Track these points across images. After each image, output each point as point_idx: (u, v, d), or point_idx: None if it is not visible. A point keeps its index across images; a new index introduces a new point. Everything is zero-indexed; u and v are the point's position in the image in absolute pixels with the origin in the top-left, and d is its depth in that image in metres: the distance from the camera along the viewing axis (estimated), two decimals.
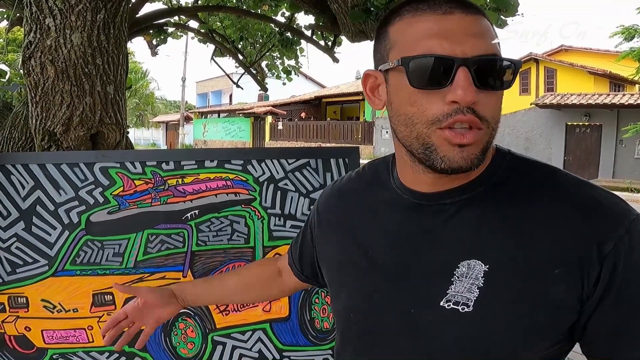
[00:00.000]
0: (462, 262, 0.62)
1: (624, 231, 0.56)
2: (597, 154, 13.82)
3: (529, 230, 0.60)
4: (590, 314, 0.58)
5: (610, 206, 0.59)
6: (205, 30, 4.51)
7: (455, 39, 0.58)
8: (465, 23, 0.59)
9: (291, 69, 5.31)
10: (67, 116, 1.76)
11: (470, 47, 0.58)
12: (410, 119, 0.61)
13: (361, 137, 19.73)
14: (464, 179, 0.65)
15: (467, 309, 0.60)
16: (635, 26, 11.06)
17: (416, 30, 0.60)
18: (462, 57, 0.57)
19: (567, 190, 0.61)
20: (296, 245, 0.96)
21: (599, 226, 0.57)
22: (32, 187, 1.41)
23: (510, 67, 0.60)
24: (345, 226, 0.78)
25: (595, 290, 0.57)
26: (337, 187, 0.85)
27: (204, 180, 1.44)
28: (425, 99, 0.59)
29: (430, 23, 0.59)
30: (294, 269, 0.96)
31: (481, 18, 0.61)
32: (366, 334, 0.71)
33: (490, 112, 0.60)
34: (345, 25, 2.57)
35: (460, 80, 0.57)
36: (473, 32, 0.59)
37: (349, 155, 1.48)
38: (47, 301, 1.41)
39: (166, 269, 1.43)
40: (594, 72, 15.79)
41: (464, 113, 0.57)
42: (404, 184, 0.70)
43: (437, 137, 0.60)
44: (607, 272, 0.56)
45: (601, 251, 0.56)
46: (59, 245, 1.41)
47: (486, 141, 0.61)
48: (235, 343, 1.45)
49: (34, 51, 1.71)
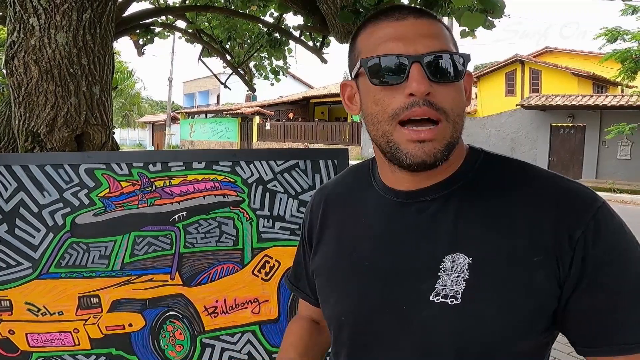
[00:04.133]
0: (447, 256, 0.65)
1: (590, 217, 0.60)
2: (580, 155, 14.02)
3: (507, 221, 0.64)
4: (567, 298, 0.61)
5: (578, 195, 0.63)
6: (192, 30, 4.48)
7: (408, 40, 0.65)
8: (417, 26, 0.66)
9: (279, 70, 5.30)
10: (51, 117, 1.73)
11: (422, 46, 0.64)
12: (375, 117, 0.67)
13: (349, 137, 19.78)
14: (442, 176, 0.69)
15: (456, 301, 0.62)
16: (618, 28, 11.25)
17: (375, 37, 0.67)
18: (414, 54, 0.63)
19: (539, 182, 0.66)
20: (301, 277, 0.92)
21: (570, 213, 0.61)
22: (15, 188, 1.38)
23: (460, 59, 0.65)
24: (331, 232, 0.80)
25: (570, 275, 0.60)
26: (320, 197, 0.86)
27: (191, 181, 1.43)
28: (387, 96, 0.65)
29: (387, 29, 0.67)
30: (311, 300, 0.90)
31: (433, 21, 0.67)
32: (359, 335, 0.72)
33: (448, 103, 0.64)
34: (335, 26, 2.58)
35: (414, 74, 0.62)
36: (424, 33, 0.65)
37: (337, 157, 1.48)
38: (31, 304, 1.38)
39: (153, 271, 1.41)
40: (577, 73, 16.02)
41: (420, 105, 0.62)
42: (385, 185, 0.74)
43: (398, 134, 0.65)
44: (579, 257, 0.60)
45: (572, 237, 0.60)
46: (43, 247, 1.39)
47: (449, 135, 0.64)
48: (225, 345, 1.44)
49: (18, 51, 1.69)
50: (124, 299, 1.40)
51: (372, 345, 0.70)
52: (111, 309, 1.40)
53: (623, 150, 13.17)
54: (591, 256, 0.60)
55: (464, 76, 0.67)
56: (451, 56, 0.64)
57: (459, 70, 0.65)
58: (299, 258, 0.93)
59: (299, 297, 0.95)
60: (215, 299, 1.43)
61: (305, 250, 0.90)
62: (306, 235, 0.88)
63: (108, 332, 1.40)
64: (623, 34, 11.16)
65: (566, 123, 14.21)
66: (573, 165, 14.02)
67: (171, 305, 1.42)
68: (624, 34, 11.16)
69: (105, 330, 1.40)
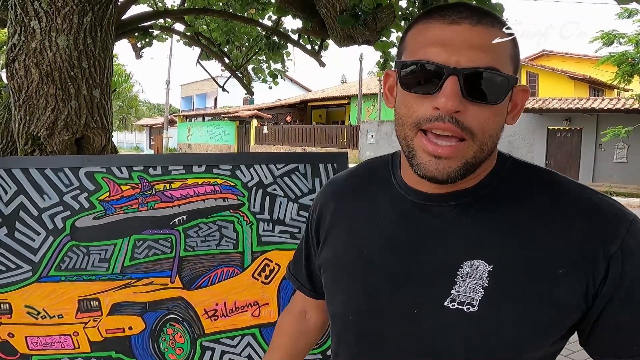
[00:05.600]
0: (466, 262, 0.63)
1: (625, 232, 0.59)
2: (577, 158, 14.08)
3: (531, 231, 0.61)
4: (599, 313, 0.60)
5: (609, 208, 0.61)
6: (191, 33, 4.49)
7: (454, 48, 0.59)
8: (469, 34, 0.60)
9: (277, 73, 5.31)
10: (51, 120, 1.73)
11: (467, 58, 0.59)
12: (401, 119, 0.64)
13: (346, 141, 19.78)
14: (468, 184, 0.66)
15: (473, 309, 0.61)
16: (614, 31, 11.31)
17: (422, 37, 0.63)
18: (453, 67, 0.58)
19: (567, 193, 0.63)
20: (299, 266, 0.92)
21: (602, 227, 0.59)
22: (15, 192, 1.38)
23: (505, 81, 0.60)
24: (341, 226, 0.77)
25: (602, 289, 0.59)
26: (331, 189, 0.84)
27: (192, 185, 1.44)
28: (416, 102, 0.62)
29: (435, 31, 0.61)
30: (305, 290, 0.91)
31: (492, 30, 0.61)
32: (365, 335, 0.70)
33: (477, 125, 0.60)
34: (334, 30, 2.59)
35: (447, 89, 0.58)
36: (474, 44, 0.59)
37: (337, 161, 1.49)
38: (31, 307, 1.38)
39: (154, 274, 1.41)
40: (574, 76, 16.10)
41: (444, 121, 0.59)
42: (407, 184, 0.71)
43: (417, 141, 0.62)
44: (616, 272, 0.58)
45: (606, 251, 0.58)
46: (43, 251, 1.39)
47: (471, 156, 0.61)
48: (225, 348, 1.44)
49: (18, 54, 1.69)
50: (124, 302, 1.40)
51: (378, 347, 0.69)
52: (111, 312, 1.40)
53: (619, 154, 13.23)
54: (628, 270, 0.58)
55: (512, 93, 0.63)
56: (495, 76, 0.59)
57: (500, 93, 0.60)
58: (301, 247, 0.91)
59: (295, 286, 0.94)
60: (215, 302, 1.43)
61: (310, 242, 0.87)
62: (313, 227, 0.84)
63: (108, 335, 1.40)
64: (619, 37, 11.22)
65: (563, 126, 14.27)
66: (570, 169, 14.06)
67: (171, 308, 1.42)
68: (620, 37, 11.22)
69: (105, 333, 1.40)
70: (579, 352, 2.40)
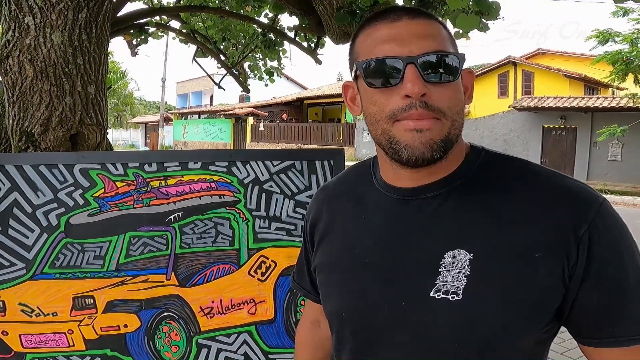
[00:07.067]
0: (448, 252, 0.65)
1: (594, 214, 0.62)
2: (572, 156, 14.14)
3: (508, 218, 0.64)
4: (574, 294, 0.62)
5: (580, 192, 0.64)
6: (187, 30, 4.46)
7: (403, 41, 0.65)
8: (411, 27, 0.66)
9: (274, 70, 5.30)
10: (45, 116, 1.72)
11: (417, 46, 0.64)
12: (374, 116, 0.68)
13: (342, 138, 19.78)
14: (442, 173, 0.69)
15: (457, 297, 0.63)
16: (609, 30, 11.36)
17: (372, 40, 0.68)
18: (408, 56, 0.64)
19: (540, 179, 0.67)
20: (302, 273, 0.94)
21: (573, 211, 0.62)
22: (8, 188, 1.37)
23: (455, 59, 0.66)
24: (334, 230, 0.81)
25: (575, 271, 0.61)
26: (323, 195, 0.87)
27: (187, 182, 1.43)
28: (384, 97, 0.66)
29: (382, 31, 0.67)
30: (311, 297, 0.92)
31: (429, 21, 0.67)
32: (362, 331, 0.72)
33: (445, 103, 0.64)
34: (330, 27, 2.58)
35: (409, 76, 0.63)
36: (419, 33, 0.65)
37: (334, 158, 1.48)
38: (25, 305, 1.37)
39: (149, 271, 1.41)
40: (569, 75, 16.15)
41: (417, 107, 0.63)
42: (386, 183, 0.74)
43: (396, 128, 0.65)
44: (584, 254, 0.61)
45: (577, 234, 0.61)
46: (37, 248, 1.38)
47: (447, 132, 0.65)
48: (221, 346, 1.44)
49: (12, 50, 1.68)
50: (119, 300, 1.39)
51: (373, 341, 0.71)
52: (106, 309, 1.39)
53: (614, 152, 13.30)
54: (597, 252, 0.61)
55: (461, 75, 0.67)
56: (446, 56, 0.65)
57: (455, 70, 0.65)
58: (301, 256, 0.94)
59: (302, 295, 0.97)
60: (211, 300, 1.43)
61: (307, 248, 0.90)
62: (308, 233, 0.88)
63: (103, 333, 1.39)
64: (614, 35, 11.27)
65: (558, 124, 14.32)
66: (565, 166, 14.12)
67: (167, 305, 1.41)
68: (615, 36, 11.27)
69: (100, 331, 1.39)
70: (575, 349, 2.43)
